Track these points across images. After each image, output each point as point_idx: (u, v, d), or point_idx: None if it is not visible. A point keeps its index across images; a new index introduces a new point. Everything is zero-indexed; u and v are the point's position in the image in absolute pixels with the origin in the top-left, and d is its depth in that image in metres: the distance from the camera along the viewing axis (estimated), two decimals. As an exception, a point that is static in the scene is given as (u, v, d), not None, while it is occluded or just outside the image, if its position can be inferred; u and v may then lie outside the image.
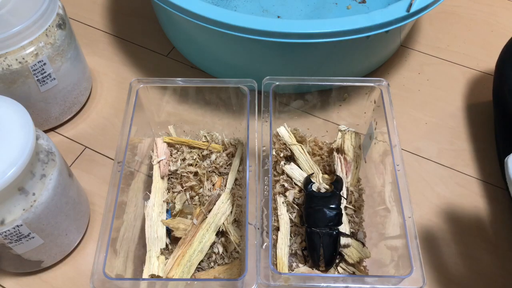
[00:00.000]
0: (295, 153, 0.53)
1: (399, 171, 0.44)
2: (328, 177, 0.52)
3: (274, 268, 0.39)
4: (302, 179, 0.52)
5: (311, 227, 0.47)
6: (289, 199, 0.51)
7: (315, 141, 0.56)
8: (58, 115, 0.60)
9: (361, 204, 0.51)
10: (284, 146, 0.54)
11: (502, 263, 0.51)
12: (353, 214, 0.51)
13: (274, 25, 0.50)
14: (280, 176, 0.53)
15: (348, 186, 0.52)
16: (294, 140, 0.54)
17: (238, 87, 0.50)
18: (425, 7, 0.53)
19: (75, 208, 0.49)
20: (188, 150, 0.55)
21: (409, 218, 0.41)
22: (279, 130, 0.54)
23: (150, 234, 0.48)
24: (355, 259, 0.47)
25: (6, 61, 0.50)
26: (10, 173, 0.38)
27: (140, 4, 0.77)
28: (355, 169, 0.53)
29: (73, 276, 0.50)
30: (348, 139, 0.53)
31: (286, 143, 0.54)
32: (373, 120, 0.51)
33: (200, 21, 0.52)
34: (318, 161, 0.54)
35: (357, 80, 0.50)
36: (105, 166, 0.58)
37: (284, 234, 0.48)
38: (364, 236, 0.49)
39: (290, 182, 0.52)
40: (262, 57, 0.58)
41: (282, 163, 0.53)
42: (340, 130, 0.55)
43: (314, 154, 0.55)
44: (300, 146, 0.53)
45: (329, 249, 0.46)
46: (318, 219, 0.47)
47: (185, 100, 0.57)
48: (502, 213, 0.54)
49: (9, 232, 0.41)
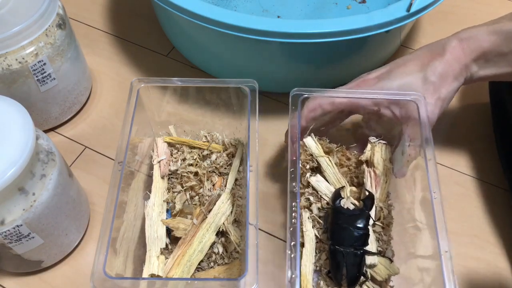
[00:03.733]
0: (322, 165, 0.50)
1: (435, 198, 0.41)
2: (356, 190, 0.50)
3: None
4: (328, 192, 0.49)
5: (335, 245, 0.45)
6: (314, 213, 0.49)
7: (343, 152, 0.53)
8: (58, 115, 0.60)
9: (390, 221, 0.49)
10: (310, 157, 0.51)
11: (503, 263, 0.51)
12: (382, 232, 0.48)
13: (274, 25, 0.50)
14: (305, 189, 0.50)
15: (377, 203, 0.49)
16: (321, 151, 0.51)
17: (239, 87, 0.50)
18: (425, 7, 0.53)
19: (75, 208, 0.49)
20: (189, 150, 0.55)
21: (445, 252, 0.39)
22: (306, 141, 0.51)
23: (150, 234, 0.48)
24: (383, 276, 0.45)
25: (6, 61, 0.50)
26: (10, 173, 0.38)
27: (140, 4, 0.77)
28: (384, 183, 0.50)
29: (73, 276, 0.50)
30: (378, 152, 0.51)
31: (313, 154, 0.51)
32: (406, 134, 0.48)
33: (200, 21, 0.52)
34: (345, 172, 0.52)
35: (392, 94, 0.47)
36: (105, 166, 0.58)
37: (309, 251, 0.46)
38: (392, 255, 0.47)
39: (316, 196, 0.50)
40: (262, 57, 0.58)
41: (307, 175, 0.50)
42: (370, 142, 0.51)
43: (341, 165, 0.53)
44: (328, 158, 0.51)
45: (353, 269, 0.44)
46: (343, 238, 0.44)
47: (185, 100, 0.57)
48: (502, 213, 0.54)
49: (9, 232, 0.41)
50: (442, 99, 0.47)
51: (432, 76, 0.46)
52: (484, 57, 0.46)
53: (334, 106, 0.48)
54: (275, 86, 0.63)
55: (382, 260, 0.46)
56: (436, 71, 0.46)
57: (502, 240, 0.52)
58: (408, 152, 0.47)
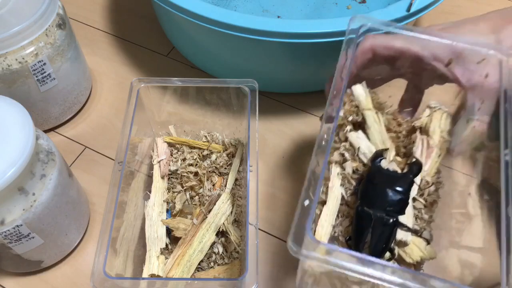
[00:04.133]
0: (368, 120, 0.43)
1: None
2: (400, 161, 0.43)
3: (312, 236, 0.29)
4: (368, 152, 0.42)
5: (363, 206, 0.38)
6: (347, 171, 0.41)
7: (394, 115, 0.46)
8: (58, 115, 0.60)
9: (435, 200, 0.42)
10: (355, 110, 0.44)
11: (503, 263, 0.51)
12: (423, 210, 0.41)
13: (274, 25, 0.50)
14: (341, 143, 0.43)
15: (423, 176, 0.42)
16: (370, 104, 0.44)
17: (239, 87, 0.50)
18: (425, 7, 0.53)
19: (75, 208, 0.49)
20: (189, 150, 0.55)
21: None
22: (354, 89, 0.44)
23: (150, 234, 0.48)
24: (414, 258, 0.38)
25: (6, 61, 0.50)
26: (10, 173, 0.38)
27: (140, 4, 0.77)
28: (437, 157, 0.42)
29: (73, 276, 0.50)
30: (436, 119, 0.43)
31: (359, 106, 0.43)
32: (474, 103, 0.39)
33: (200, 21, 0.52)
34: (392, 138, 0.45)
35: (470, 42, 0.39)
36: (105, 166, 0.58)
37: (331, 211, 0.39)
38: (430, 238, 0.40)
39: (352, 153, 0.43)
40: (262, 57, 0.58)
41: (347, 128, 0.43)
42: (429, 107, 0.44)
43: (389, 129, 0.45)
44: (377, 113, 0.43)
45: (379, 238, 0.37)
46: (376, 198, 0.37)
47: (185, 100, 0.57)
48: (502, 213, 0.54)
49: (9, 232, 0.41)
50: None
51: (508, 40, 0.40)
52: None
53: (388, 50, 0.41)
54: (275, 86, 0.63)
55: (417, 240, 0.38)
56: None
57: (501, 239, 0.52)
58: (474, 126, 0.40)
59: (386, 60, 0.42)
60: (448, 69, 0.41)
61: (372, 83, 0.45)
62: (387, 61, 0.43)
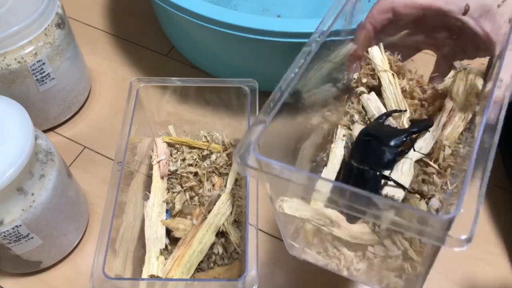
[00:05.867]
0: (383, 82, 0.41)
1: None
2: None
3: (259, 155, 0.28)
4: (377, 113, 0.40)
5: (350, 159, 0.37)
6: (353, 133, 0.40)
7: (419, 81, 0.43)
8: (57, 115, 0.60)
9: (450, 164, 0.37)
10: (372, 72, 0.42)
11: (503, 263, 0.51)
12: (434, 175, 0.37)
13: (274, 24, 0.50)
14: (352, 105, 0.42)
15: (443, 139, 0.38)
16: (387, 66, 0.41)
17: (239, 87, 0.50)
18: (426, 6, 0.53)
19: (74, 208, 0.49)
20: (188, 150, 0.55)
21: None
22: (371, 50, 0.42)
23: (150, 235, 0.48)
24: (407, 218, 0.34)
25: (5, 60, 0.50)
26: (9, 173, 0.38)
27: (140, 4, 0.77)
28: (460, 121, 0.39)
29: (72, 277, 0.50)
30: (461, 80, 0.39)
31: (375, 68, 0.41)
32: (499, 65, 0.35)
33: (200, 21, 0.52)
34: (414, 106, 0.41)
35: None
36: (104, 166, 0.58)
37: (330, 171, 0.38)
38: (439, 207, 0.36)
39: (363, 116, 0.41)
40: (262, 57, 0.57)
41: (360, 89, 0.41)
42: (454, 67, 0.41)
43: (412, 97, 0.42)
44: (393, 74, 0.41)
45: None
46: (362, 152, 0.36)
47: (185, 100, 0.57)
48: (502, 213, 0.54)
49: (8, 233, 0.41)
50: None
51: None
52: None
53: (411, 8, 0.38)
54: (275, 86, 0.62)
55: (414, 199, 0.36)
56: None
57: (502, 240, 0.52)
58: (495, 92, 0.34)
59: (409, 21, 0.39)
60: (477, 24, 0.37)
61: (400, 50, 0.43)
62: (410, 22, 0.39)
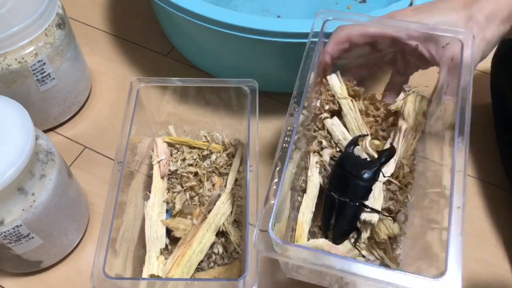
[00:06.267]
0: (344, 108, 0.45)
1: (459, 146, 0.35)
2: (378, 144, 0.45)
3: (274, 236, 0.32)
4: (343, 139, 0.44)
5: (330, 190, 0.41)
6: (324, 158, 0.44)
7: (372, 100, 0.47)
8: (57, 115, 0.60)
9: (410, 181, 0.43)
10: (332, 99, 0.45)
11: (502, 263, 0.51)
12: (398, 192, 0.43)
13: (274, 24, 0.50)
14: (319, 132, 0.45)
15: (400, 159, 0.43)
16: (345, 92, 0.45)
17: (239, 87, 0.50)
18: (426, 7, 0.53)
19: (74, 208, 0.49)
20: (188, 150, 0.55)
21: (458, 208, 0.33)
22: (330, 78, 0.45)
23: (150, 234, 0.48)
24: (381, 236, 0.41)
25: (5, 60, 0.50)
26: (9, 173, 0.38)
27: (140, 4, 0.77)
28: (412, 139, 0.44)
29: (72, 276, 0.50)
30: (411, 102, 0.44)
31: (335, 95, 0.45)
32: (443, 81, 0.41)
33: (200, 21, 0.52)
34: (370, 123, 0.46)
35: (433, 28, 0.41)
36: (105, 166, 0.58)
37: (310, 198, 0.42)
38: (405, 219, 0.42)
39: (329, 140, 0.45)
40: (262, 57, 0.57)
41: (324, 115, 0.45)
42: (404, 90, 0.45)
43: (367, 114, 0.47)
44: (351, 100, 0.45)
45: (343, 221, 0.40)
46: (341, 184, 0.40)
47: (185, 100, 0.57)
48: (502, 213, 0.54)
49: (8, 232, 0.41)
50: (486, 41, 0.42)
51: (478, 15, 0.41)
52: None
53: (365, 37, 0.43)
54: (275, 86, 0.62)
55: (386, 220, 0.41)
56: (483, 10, 0.41)
57: (502, 240, 0.52)
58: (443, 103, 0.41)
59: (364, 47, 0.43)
60: (424, 47, 0.42)
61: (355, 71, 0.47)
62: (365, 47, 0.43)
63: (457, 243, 0.32)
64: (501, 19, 0.42)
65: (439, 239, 0.36)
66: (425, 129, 0.44)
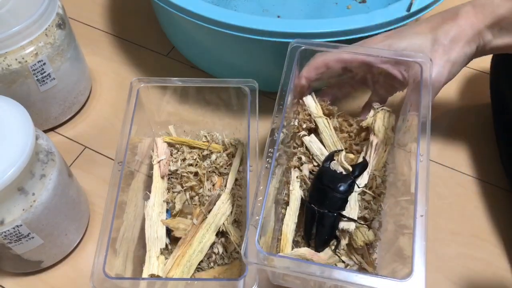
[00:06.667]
0: (320, 126, 0.49)
1: (421, 161, 0.40)
2: (352, 157, 0.49)
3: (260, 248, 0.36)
4: (320, 154, 0.48)
5: (310, 203, 0.45)
6: (304, 173, 0.48)
7: (345, 117, 0.52)
8: (57, 115, 0.60)
9: (382, 191, 0.48)
10: (308, 118, 0.50)
11: (502, 263, 0.51)
12: (372, 201, 0.47)
13: (274, 24, 0.50)
14: (298, 149, 0.49)
15: (372, 171, 0.48)
16: (320, 112, 0.50)
17: (239, 87, 0.50)
18: (425, 7, 0.53)
19: (74, 208, 0.49)
20: (188, 150, 0.55)
21: (421, 216, 0.38)
22: (306, 100, 0.50)
23: (150, 234, 0.48)
24: (358, 243, 0.44)
25: (5, 61, 0.50)
26: (9, 173, 0.38)
27: (140, 4, 0.77)
28: (383, 152, 0.48)
29: (73, 276, 0.50)
30: (380, 119, 0.49)
31: (311, 114, 0.50)
32: (408, 99, 0.46)
33: (200, 21, 0.52)
34: (344, 138, 0.51)
35: (397, 53, 0.46)
36: (105, 166, 0.58)
37: (293, 211, 0.46)
38: (379, 226, 0.46)
39: (308, 156, 0.49)
40: (262, 57, 0.58)
41: (302, 133, 0.49)
42: (373, 108, 0.50)
43: (341, 130, 0.51)
44: (326, 119, 0.50)
45: (323, 230, 0.44)
46: (320, 197, 0.44)
47: (185, 100, 0.57)
48: (503, 213, 0.54)
49: (8, 232, 0.41)
50: (451, 62, 0.45)
51: (443, 38, 0.45)
52: (498, 25, 0.45)
53: (339, 63, 0.47)
54: (275, 86, 0.62)
55: (362, 227, 0.45)
56: (448, 34, 0.45)
57: (502, 240, 0.52)
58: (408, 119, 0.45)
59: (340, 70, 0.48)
60: (396, 69, 0.46)
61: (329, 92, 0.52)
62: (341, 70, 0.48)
63: (421, 248, 0.36)
64: (465, 41, 0.45)
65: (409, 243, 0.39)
66: (394, 142, 0.49)
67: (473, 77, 0.67)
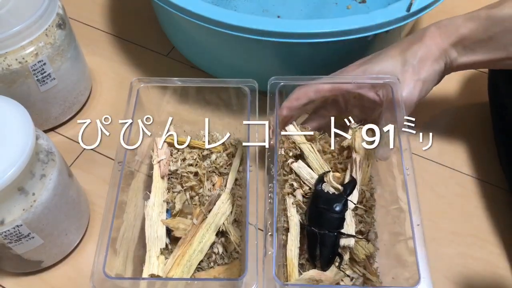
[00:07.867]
0: (305, 152, 0.52)
1: (408, 175, 0.43)
2: (338, 175, 0.51)
3: (277, 279, 0.38)
4: (310, 178, 0.51)
5: (310, 226, 0.47)
6: (298, 198, 0.50)
7: (326, 139, 0.55)
8: (58, 115, 0.60)
9: (373, 204, 0.50)
10: (293, 145, 0.52)
11: (502, 263, 0.51)
12: (364, 215, 0.49)
13: (274, 25, 0.50)
14: (288, 176, 0.52)
15: (359, 186, 0.50)
16: (303, 138, 0.52)
17: (239, 87, 0.50)
18: (425, 7, 0.53)
19: (75, 208, 0.49)
20: (188, 150, 0.55)
21: (418, 225, 0.40)
22: (288, 129, 0.52)
23: (150, 234, 0.48)
24: (360, 256, 0.46)
25: (6, 61, 0.50)
26: (10, 173, 0.38)
27: (140, 4, 0.77)
28: (366, 167, 0.51)
29: (73, 276, 0.50)
30: (359, 137, 0.51)
31: (295, 142, 0.52)
32: (384, 117, 0.49)
33: (200, 21, 0.52)
34: (329, 159, 0.53)
35: (368, 77, 0.49)
36: (105, 166, 0.58)
37: (294, 236, 0.47)
38: (375, 237, 0.48)
39: (298, 181, 0.51)
40: (262, 57, 0.58)
41: (290, 160, 0.52)
42: (351, 128, 0.52)
43: (324, 152, 0.54)
44: (310, 144, 0.52)
45: (326, 250, 0.46)
46: (319, 220, 0.46)
47: (185, 100, 0.57)
48: (502, 213, 0.54)
49: (9, 232, 0.41)
50: (422, 81, 0.48)
51: (412, 59, 0.48)
52: (462, 43, 0.47)
53: (319, 93, 0.50)
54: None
55: (361, 241, 0.47)
56: (416, 55, 0.48)
57: (502, 240, 0.52)
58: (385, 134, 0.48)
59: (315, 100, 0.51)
60: (372, 91, 0.50)
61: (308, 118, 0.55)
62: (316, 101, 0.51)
63: (423, 254, 0.39)
64: (432, 59, 0.48)
65: (406, 248, 0.42)
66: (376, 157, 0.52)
67: (472, 76, 0.67)
